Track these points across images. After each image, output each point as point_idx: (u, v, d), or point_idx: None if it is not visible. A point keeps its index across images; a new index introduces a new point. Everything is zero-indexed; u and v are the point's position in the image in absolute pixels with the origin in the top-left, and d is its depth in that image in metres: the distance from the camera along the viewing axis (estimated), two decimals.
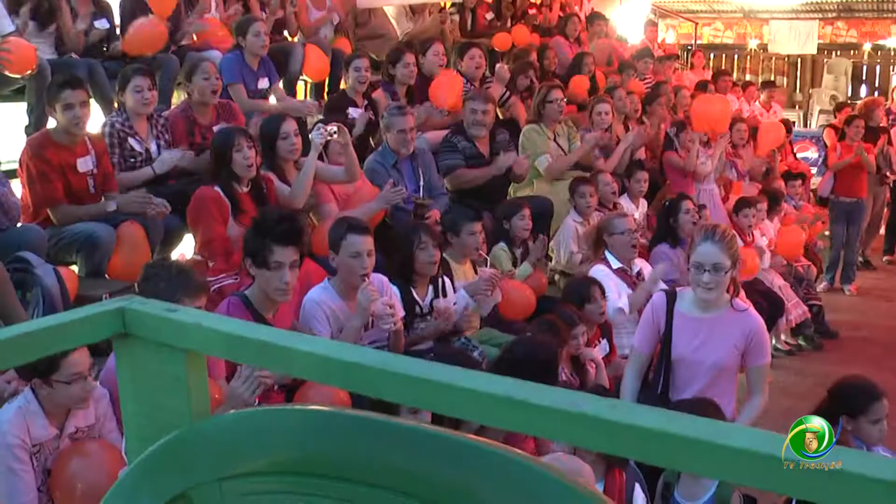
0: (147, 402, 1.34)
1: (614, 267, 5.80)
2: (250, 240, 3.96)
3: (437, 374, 1.00)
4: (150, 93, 5.44)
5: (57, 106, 4.87)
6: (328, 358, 1.09)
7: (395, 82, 7.32)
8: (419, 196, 5.97)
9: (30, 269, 4.25)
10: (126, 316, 1.32)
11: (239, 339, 1.19)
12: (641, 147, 8.33)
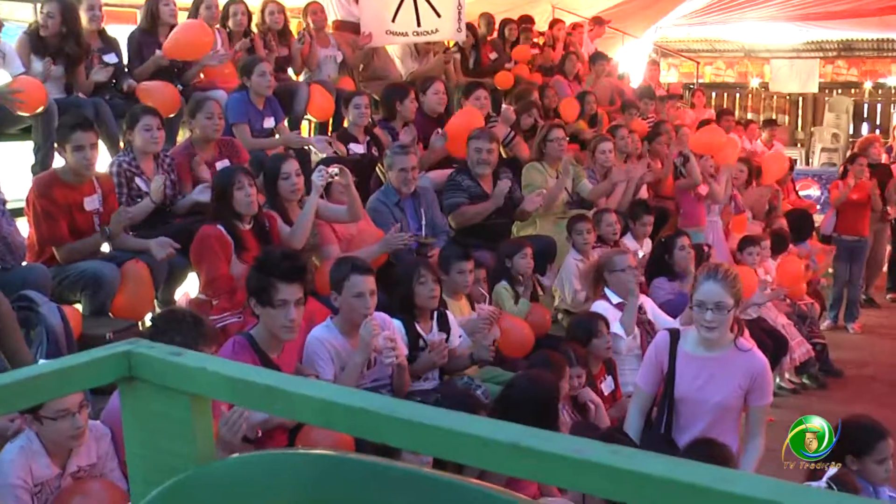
0: (152, 446, 1.34)
1: (615, 302, 5.80)
2: (253, 278, 3.97)
3: (442, 419, 1.00)
4: (159, 132, 5.48)
5: (67, 147, 4.91)
6: (333, 403, 1.09)
7: (395, 120, 7.36)
8: (422, 235, 5.98)
9: (34, 307, 4.26)
10: (132, 359, 1.32)
11: (244, 384, 1.20)
12: (644, 185, 8.35)
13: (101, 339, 4.67)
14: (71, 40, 6.27)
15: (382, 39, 8.63)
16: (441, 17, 8.57)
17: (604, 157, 7.77)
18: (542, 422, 3.76)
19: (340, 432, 1.20)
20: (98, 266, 4.88)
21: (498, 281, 5.94)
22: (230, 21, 7.64)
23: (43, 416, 3.24)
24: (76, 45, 6.29)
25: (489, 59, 10.22)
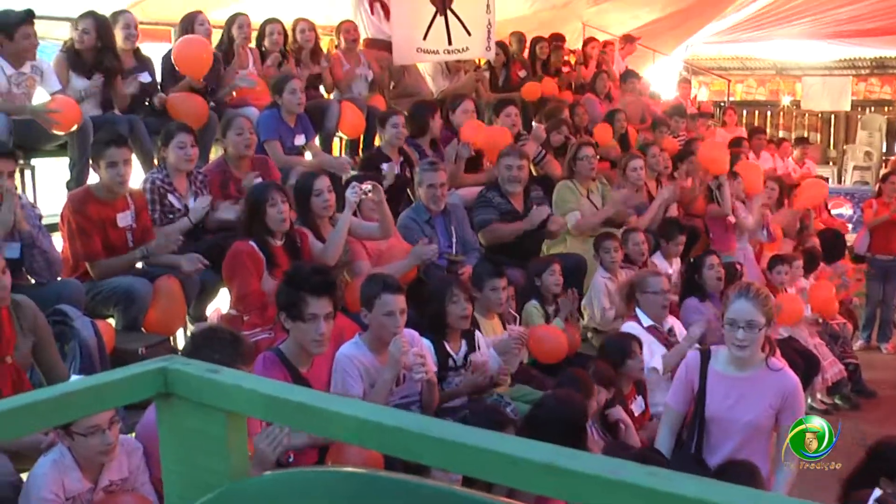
0: (187, 462, 1.35)
1: (645, 325, 5.77)
2: (284, 293, 4.00)
3: (475, 439, 1.01)
4: (193, 149, 5.54)
5: (101, 163, 4.98)
6: (367, 421, 1.10)
7: (424, 137, 7.40)
8: (452, 252, 5.99)
9: (68, 322, 4.31)
10: (168, 376, 1.34)
11: (279, 401, 1.21)
12: (674, 203, 8.32)
13: (134, 354, 4.72)
14: (107, 54, 6.38)
15: (414, 57, 8.67)
16: (472, 35, 8.61)
17: (635, 174, 7.75)
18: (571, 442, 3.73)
19: (372, 450, 1.21)
20: (131, 281, 4.93)
21: (527, 299, 5.93)
22: (266, 40, 7.71)
23: (74, 432, 3.26)
24: (113, 59, 6.40)
25: (519, 77, 10.24)
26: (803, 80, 20.09)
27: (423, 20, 8.43)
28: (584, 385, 4.60)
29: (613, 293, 6.52)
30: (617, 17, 13.84)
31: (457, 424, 1.05)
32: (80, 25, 6.31)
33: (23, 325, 3.90)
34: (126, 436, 3.71)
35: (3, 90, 5.76)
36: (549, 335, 5.60)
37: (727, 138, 11.56)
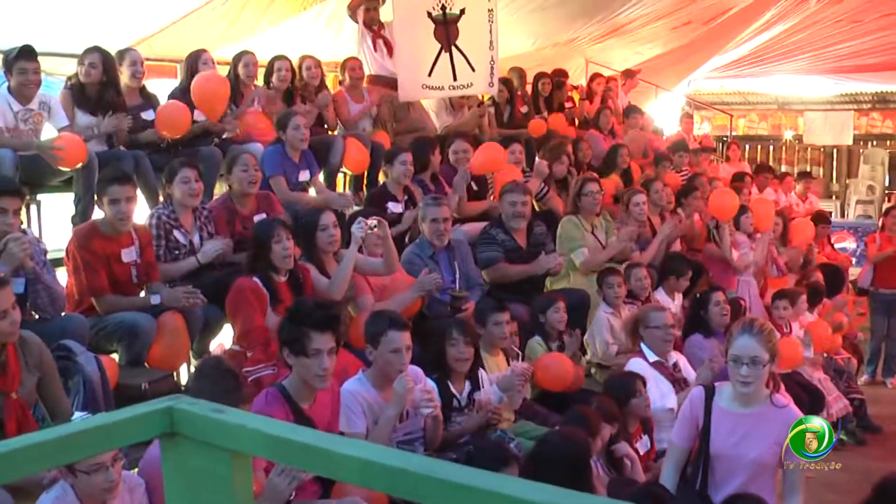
0: (192, 501, 1.36)
1: (651, 360, 5.76)
2: (286, 328, 3.98)
3: (480, 481, 1.01)
4: (197, 184, 5.56)
5: (104, 199, 5.01)
6: (372, 462, 1.10)
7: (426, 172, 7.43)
8: (455, 288, 6.00)
9: (72, 357, 4.31)
10: (174, 415, 1.35)
11: (284, 441, 1.22)
12: (677, 239, 8.34)
13: (137, 389, 4.73)
14: (111, 89, 6.44)
15: (419, 93, 8.72)
16: (475, 71, 8.66)
17: (637, 209, 7.76)
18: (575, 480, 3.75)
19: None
20: (134, 317, 4.93)
21: (531, 336, 5.93)
22: (273, 77, 7.77)
23: (77, 470, 3.26)
24: (116, 94, 6.46)
25: (521, 112, 10.29)
26: (805, 115, 20.18)
27: (427, 57, 8.48)
28: (589, 421, 4.58)
29: (616, 328, 6.52)
30: (620, 54, 13.94)
31: (461, 466, 1.06)
32: (87, 60, 6.38)
33: (28, 362, 3.90)
34: (128, 472, 3.70)
35: (11, 126, 5.81)
36: (554, 362, 5.60)
37: (731, 173, 11.60)
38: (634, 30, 13.04)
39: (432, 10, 8.43)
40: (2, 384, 3.75)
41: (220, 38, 8.58)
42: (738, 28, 14.46)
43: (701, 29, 13.75)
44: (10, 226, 4.42)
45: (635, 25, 12.86)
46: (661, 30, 13.40)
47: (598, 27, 12.50)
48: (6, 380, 3.76)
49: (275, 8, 8.79)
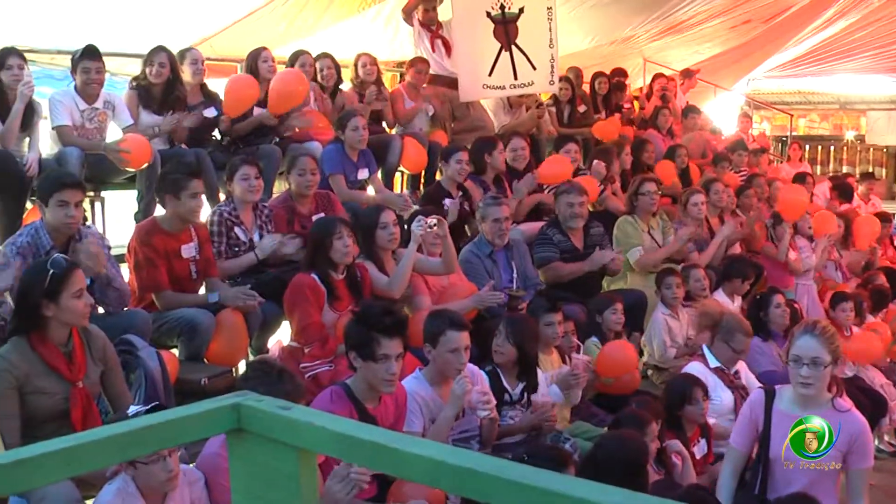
0: (258, 497, 1.37)
1: (712, 366, 5.65)
2: (354, 332, 4.00)
3: (551, 482, 1.01)
4: (257, 181, 5.62)
5: (183, 194, 5.08)
6: (441, 462, 1.10)
7: (487, 171, 7.42)
8: (513, 287, 5.99)
9: (134, 351, 4.38)
10: (241, 412, 1.36)
11: (351, 440, 1.22)
12: (737, 241, 8.25)
13: (197, 385, 4.79)
14: (176, 88, 6.56)
15: (480, 93, 8.72)
16: (536, 69, 8.64)
17: (696, 209, 7.68)
18: (632, 482, 3.71)
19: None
20: (194, 313, 5.00)
21: (588, 337, 5.90)
22: (318, 76, 7.81)
23: (136, 461, 3.31)
24: (180, 93, 6.56)
25: (579, 112, 10.25)
26: (868, 115, 19.82)
27: (488, 56, 8.48)
28: (643, 422, 4.54)
29: (674, 330, 6.47)
30: (678, 53, 13.81)
31: (532, 468, 1.05)
32: (156, 60, 6.47)
33: (93, 354, 3.98)
34: (187, 466, 3.75)
35: (78, 124, 5.93)
36: (614, 348, 5.57)
37: (791, 174, 11.44)
38: (692, 27, 12.89)
39: (491, 9, 8.43)
40: (68, 373, 3.83)
41: (280, 37, 8.65)
42: (798, 26, 14.24)
43: (760, 27, 13.56)
44: (72, 218, 4.51)
45: (693, 23, 12.71)
46: (719, 28, 13.23)
47: (656, 24, 12.38)
48: (73, 368, 3.85)
49: (334, 7, 8.85)
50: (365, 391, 4.01)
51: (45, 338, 3.82)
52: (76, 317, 3.85)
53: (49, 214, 4.51)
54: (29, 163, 5.55)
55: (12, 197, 5.43)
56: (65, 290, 3.78)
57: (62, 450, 1.22)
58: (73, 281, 3.81)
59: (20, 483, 1.23)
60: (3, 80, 5.65)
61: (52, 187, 4.52)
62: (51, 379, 3.81)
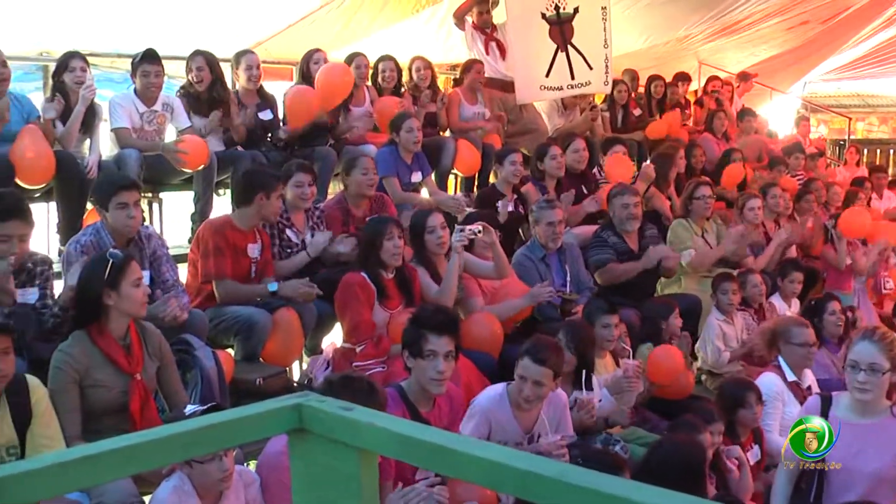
0: (318, 497, 1.38)
1: (789, 379, 5.44)
2: (408, 332, 4.05)
3: (615, 487, 1.00)
4: (310, 188, 5.68)
5: (273, 195, 5.26)
6: (503, 465, 1.10)
7: (545, 176, 7.41)
8: (566, 291, 5.96)
9: (190, 350, 4.45)
10: (303, 412, 1.37)
11: (414, 441, 1.22)
12: (793, 245, 8.14)
13: (252, 384, 4.85)
14: (217, 88, 6.62)
15: (537, 95, 8.70)
16: (592, 69, 8.61)
17: (752, 214, 7.59)
18: (690, 487, 3.67)
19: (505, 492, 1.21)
20: (252, 312, 5.07)
21: (642, 342, 5.85)
22: (380, 77, 7.85)
23: (192, 460, 3.35)
24: (222, 91, 6.64)
25: (634, 116, 10.18)
26: None
27: (544, 57, 8.45)
28: (698, 429, 4.49)
29: (729, 335, 6.41)
30: (733, 55, 13.67)
31: (593, 471, 1.05)
32: (194, 65, 6.54)
33: (149, 349, 4.06)
34: (244, 467, 3.80)
35: (137, 126, 6.02)
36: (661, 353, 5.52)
37: (848, 178, 11.27)
38: (748, 28, 12.72)
39: (546, 10, 8.41)
40: (127, 365, 3.91)
41: (334, 40, 8.72)
42: (857, 26, 13.99)
43: (818, 28, 13.36)
44: (133, 219, 4.59)
45: (749, 23, 12.54)
46: (776, 30, 13.06)
47: (711, 24, 12.23)
48: (131, 360, 3.92)
49: (388, 10, 8.89)
50: (418, 393, 4.02)
51: (104, 330, 3.91)
52: (135, 305, 3.94)
53: (110, 218, 4.60)
54: (90, 165, 5.65)
55: (73, 198, 5.53)
56: (124, 278, 3.89)
57: (126, 447, 1.24)
58: (131, 270, 3.93)
59: (86, 479, 1.24)
60: (66, 82, 5.75)
61: (110, 190, 4.61)
62: (110, 371, 3.89)
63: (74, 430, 3.76)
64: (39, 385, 3.68)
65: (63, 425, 3.70)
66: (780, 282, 7.26)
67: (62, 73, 5.79)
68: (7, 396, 3.56)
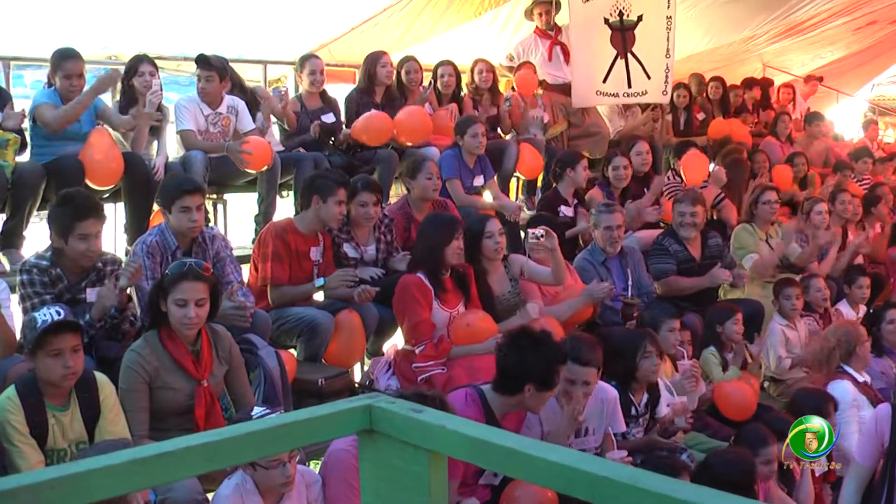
0: (387, 498, 1.39)
1: (860, 380, 5.45)
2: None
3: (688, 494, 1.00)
4: (375, 208, 5.61)
5: (330, 199, 5.26)
6: (576, 469, 1.10)
7: (611, 183, 7.38)
8: (627, 295, 5.93)
9: (254, 350, 4.51)
10: (373, 413, 1.38)
11: (485, 444, 1.23)
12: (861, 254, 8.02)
13: (314, 385, 4.88)
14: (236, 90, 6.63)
15: (593, 100, 8.66)
16: (651, 79, 8.54)
17: (819, 218, 7.47)
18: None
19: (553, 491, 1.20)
20: (315, 314, 5.11)
21: (705, 347, 5.79)
22: (438, 82, 7.85)
23: (258, 464, 3.39)
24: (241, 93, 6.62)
25: (698, 120, 10.06)
26: None
27: (603, 63, 8.43)
28: (764, 440, 4.42)
29: (792, 341, 6.33)
30: (798, 58, 13.44)
31: (666, 477, 1.04)
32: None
33: (219, 354, 4.10)
34: (306, 468, 3.83)
35: (202, 129, 6.10)
36: (736, 390, 5.46)
37: None
38: (813, 28, 12.47)
39: (609, 16, 8.37)
40: (195, 371, 3.96)
41: (396, 42, 8.75)
42: None
43: (887, 29, 13.07)
44: (195, 222, 4.67)
45: (814, 23, 12.29)
46: (842, 31, 12.80)
47: (776, 25, 12.01)
48: (199, 367, 3.97)
49: (451, 13, 8.90)
50: (497, 405, 4.03)
51: (173, 335, 3.95)
52: (176, 321, 3.92)
53: (173, 219, 4.68)
54: (157, 166, 5.74)
55: (141, 198, 5.63)
56: (171, 293, 3.89)
57: (203, 444, 1.26)
58: (178, 289, 3.88)
59: (161, 476, 1.27)
60: (136, 86, 5.85)
61: (174, 194, 4.68)
62: (178, 376, 3.94)
63: (142, 428, 3.83)
64: (108, 382, 3.75)
65: (130, 424, 3.77)
66: (848, 288, 7.15)
67: (132, 76, 5.89)
68: (77, 393, 3.64)
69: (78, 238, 4.20)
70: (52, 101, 5.46)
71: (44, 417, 3.55)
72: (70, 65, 5.46)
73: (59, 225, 4.23)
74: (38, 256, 4.32)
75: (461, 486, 3.94)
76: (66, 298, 4.24)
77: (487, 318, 5.11)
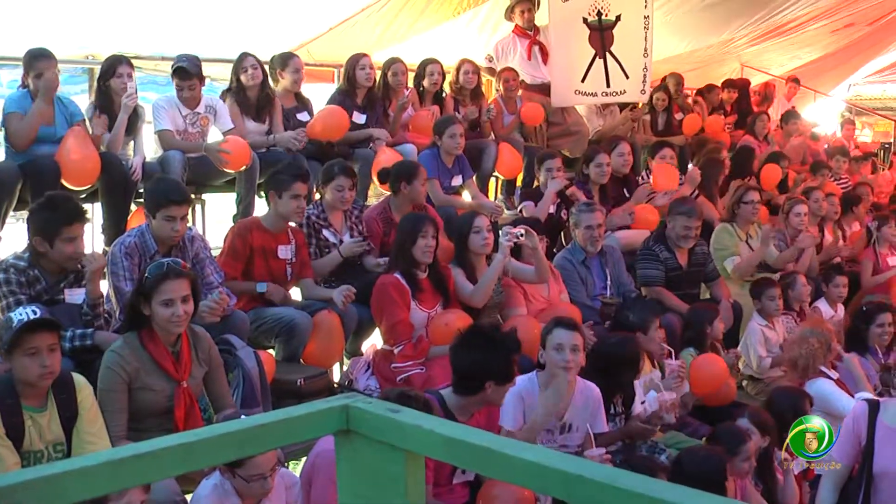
0: (364, 498, 1.39)
1: (833, 377, 5.50)
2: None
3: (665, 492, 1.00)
4: (350, 192, 5.66)
5: (285, 195, 5.20)
6: (550, 468, 1.10)
7: (590, 181, 7.39)
8: (606, 294, 5.94)
9: (232, 351, 4.49)
10: (350, 413, 1.38)
11: (460, 444, 1.23)
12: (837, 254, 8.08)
13: (293, 385, 4.87)
14: (267, 88, 6.67)
15: (572, 99, 8.68)
16: (629, 78, 8.58)
17: (798, 219, 7.51)
18: None
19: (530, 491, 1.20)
20: (293, 314, 5.09)
21: (684, 347, 5.80)
22: (425, 80, 7.83)
23: (238, 474, 3.37)
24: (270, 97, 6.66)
25: (676, 120, 10.09)
26: None
27: (581, 63, 8.45)
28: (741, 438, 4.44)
29: (771, 340, 6.35)
30: (776, 58, 13.52)
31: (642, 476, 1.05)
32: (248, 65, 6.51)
33: (199, 355, 4.09)
34: (285, 469, 3.82)
35: (181, 129, 6.08)
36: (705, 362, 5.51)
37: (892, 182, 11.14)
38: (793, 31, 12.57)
39: (588, 15, 8.40)
40: (175, 372, 3.94)
41: (375, 42, 8.72)
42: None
43: (864, 30, 13.18)
44: (177, 232, 4.65)
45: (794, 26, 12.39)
46: (821, 32, 12.89)
47: (756, 28, 12.10)
48: (179, 368, 3.95)
49: (429, 12, 8.88)
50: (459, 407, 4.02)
51: (154, 336, 3.93)
52: (163, 321, 3.89)
53: (156, 225, 4.65)
54: (134, 166, 5.70)
55: (118, 199, 5.60)
56: (155, 295, 3.86)
57: (180, 445, 1.25)
58: (162, 289, 3.86)
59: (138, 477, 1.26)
60: (113, 86, 5.81)
61: (161, 202, 4.64)
62: (158, 376, 3.92)
63: (121, 430, 3.81)
64: (86, 383, 3.73)
65: (109, 424, 3.75)
66: (825, 287, 7.18)
67: (109, 77, 5.84)
68: (54, 394, 3.62)
69: (65, 241, 4.19)
70: (21, 109, 5.41)
71: (20, 419, 3.52)
72: (42, 65, 5.42)
73: (43, 228, 4.21)
74: (17, 257, 4.30)
75: (435, 486, 3.94)
76: (44, 300, 4.22)
77: (466, 318, 5.09)
